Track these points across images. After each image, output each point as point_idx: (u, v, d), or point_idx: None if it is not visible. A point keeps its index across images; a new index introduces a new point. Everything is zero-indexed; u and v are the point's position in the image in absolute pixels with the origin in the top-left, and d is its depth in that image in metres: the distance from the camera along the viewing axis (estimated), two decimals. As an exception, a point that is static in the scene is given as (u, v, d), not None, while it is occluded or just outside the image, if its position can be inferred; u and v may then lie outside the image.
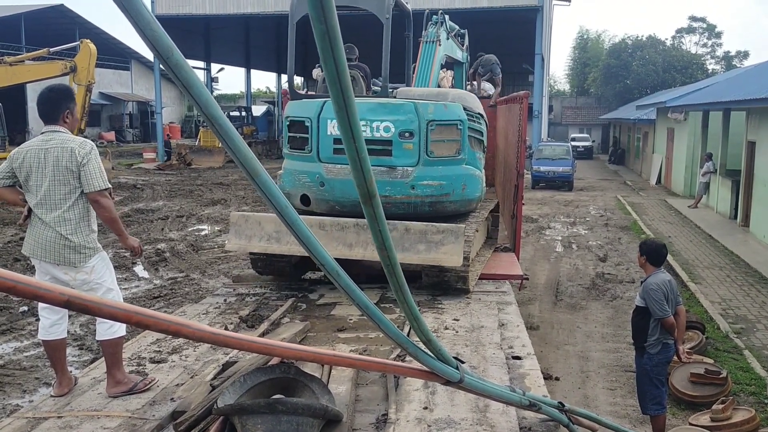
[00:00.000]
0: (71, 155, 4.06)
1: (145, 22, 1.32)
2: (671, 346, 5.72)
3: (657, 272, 5.76)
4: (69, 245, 4.09)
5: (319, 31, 1.21)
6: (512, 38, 34.45)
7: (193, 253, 12.75)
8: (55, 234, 4.07)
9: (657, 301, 5.60)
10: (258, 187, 1.66)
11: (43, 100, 4.21)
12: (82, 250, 4.13)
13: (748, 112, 16.52)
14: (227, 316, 5.76)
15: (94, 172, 4.09)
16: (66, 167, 4.07)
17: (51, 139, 4.14)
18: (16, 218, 15.32)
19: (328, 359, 2.59)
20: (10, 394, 6.43)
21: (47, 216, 4.08)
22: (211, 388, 3.74)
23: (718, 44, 59.58)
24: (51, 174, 4.07)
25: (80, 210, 4.15)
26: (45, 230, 4.09)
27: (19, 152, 4.19)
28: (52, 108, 4.19)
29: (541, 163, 26.55)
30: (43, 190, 4.08)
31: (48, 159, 4.08)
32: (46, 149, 4.10)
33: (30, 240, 4.18)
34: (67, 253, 4.10)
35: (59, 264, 4.11)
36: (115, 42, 47.20)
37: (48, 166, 4.08)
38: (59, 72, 17.96)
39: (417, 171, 6.16)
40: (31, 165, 4.11)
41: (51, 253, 4.09)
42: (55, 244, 4.09)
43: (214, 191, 22.03)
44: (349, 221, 6.02)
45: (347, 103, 1.32)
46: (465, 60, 10.16)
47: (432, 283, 6.39)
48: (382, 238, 1.87)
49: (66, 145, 4.09)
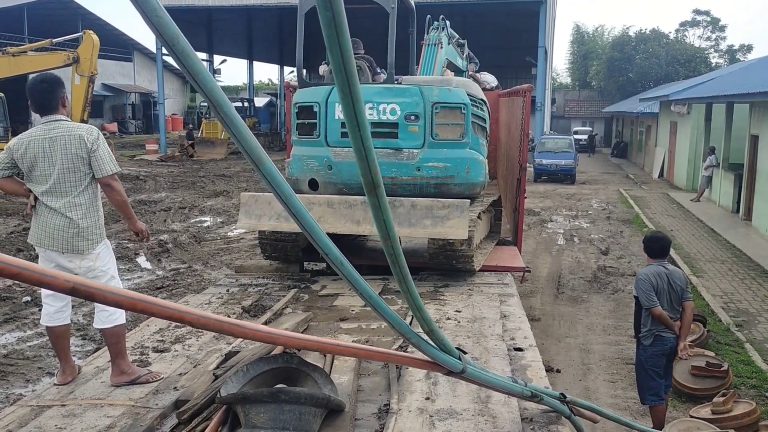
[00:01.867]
0: (80, 142, 4.08)
1: (151, 9, 1.32)
2: (666, 339, 5.67)
3: (653, 264, 5.76)
4: (78, 232, 4.10)
5: (326, 18, 1.21)
6: (516, 31, 34.40)
7: (195, 245, 12.78)
8: (65, 220, 4.08)
9: (644, 291, 5.62)
10: (263, 176, 1.66)
11: (37, 91, 4.19)
12: (90, 236, 4.15)
13: (752, 106, 16.48)
14: (230, 306, 5.78)
15: (104, 157, 4.14)
16: (75, 154, 4.08)
17: (55, 127, 4.13)
18: (19, 209, 15.36)
19: (330, 348, 2.60)
20: (14, 384, 6.46)
21: (57, 203, 4.09)
22: (214, 378, 3.75)
23: (721, 38, 59.30)
24: (60, 162, 4.08)
25: (90, 195, 4.18)
26: (53, 218, 4.10)
27: (20, 143, 4.17)
28: (48, 97, 4.18)
29: (544, 156, 26.51)
30: (53, 179, 4.09)
31: (55, 147, 4.08)
32: (51, 138, 4.09)
33: (36, 229, 4.18)
34: (75, 240, 4.11)
35: (65, 252, 4.12)
36: (118, 33, 47.14)
37: (56, 155, 4.08)
38: (62, 63, 17.91)
39: (422, 153, 6.36)
40: (36, 154, 4.11)
41: (58, 240, 4.10)
42: (63, 231, 4.09)
43: (216, 183, 22.04)
44: (357, 198, 6.16)
45: (352, 91, 1.32)
46: (465, 68, 10.23)
47: (438, 263, 6.54)
48: (386, 227, 1.87)
49: (73, 133, 4.10)
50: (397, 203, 6.07)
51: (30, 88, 4.22)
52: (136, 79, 51.64)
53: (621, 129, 45.42)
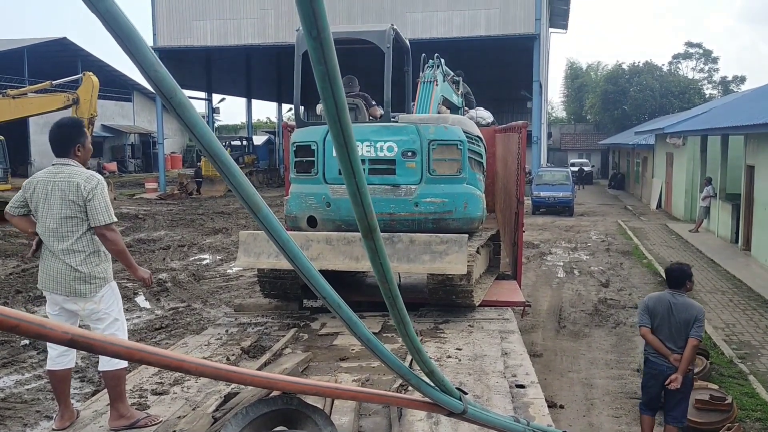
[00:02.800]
0: (77, 190, 4.11)
1: (149, 64, 1.35)
2: (654, 363, 5.83)
3: (666, 291, 5.92)
4: (78, 276, 4.11)
5: (320, 72, 1.25)
6: (510, 65, 34.81)
7: (194, 283, 12.75)
8: (65, 265, 4.10)
9: (639, 311, 5.96)
10: (260, 222, 1.68)
11: (53, 136, 4.27)
12: (91, 281, 4.15)
13: (747, 137, 16.61)
14: (229, 347, 5.74)
15: (99, 207, 4.12)
16: (72, 201, 4.11)
17: (60, 171, 4.18)
18: (17, 250, 15.34)
19: (329, 392, 2.58)
20: (11, 428, 6.38)
21: (56, 247, 4.12)
22: (213, 421, 3.72)
23: (714, 69, 60.08)
24: (58, 206, 4.12)
25: (88, 241, 4.18)
26: (54, 262, 4.13)
27: (31, 183, 4.27)
28: (61, 143, 4.25)
29: (541, 189, 26.58)
30: (51, 222, 4.12)
31: (54, 192, 4.13)
32: (54, 182, 4.15)
33: (41, 272, 4.22)
34: (76, 285, 4.12)
35: (69, 295, 4.13)
36: (117, 74, 47.66)
37: (54, 199, 4.12)
38: (62, 105, 18.10)
39: (420, 189, 6.43)
40: (39, 196, 4.17)
41: (61, 284, 4.12)
42: (64, 276, 4.11)
43: (215, 220, 22.07)
44: (356, 235, 6.16)
45: (347, 141, 1.35)
46: (460, 105, 10.35)
47: (437, 299, 6.55)
48: (383, 270, 1.89)
49: (72, 180, 4.13)
50: (396, 239, 6.09)
51: (50, 130, 4.32)
52: (135, 119, 52.05)
53: (618, 161, 45.68)
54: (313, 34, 1.21)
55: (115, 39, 1.30)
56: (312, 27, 1.21)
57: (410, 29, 26.78)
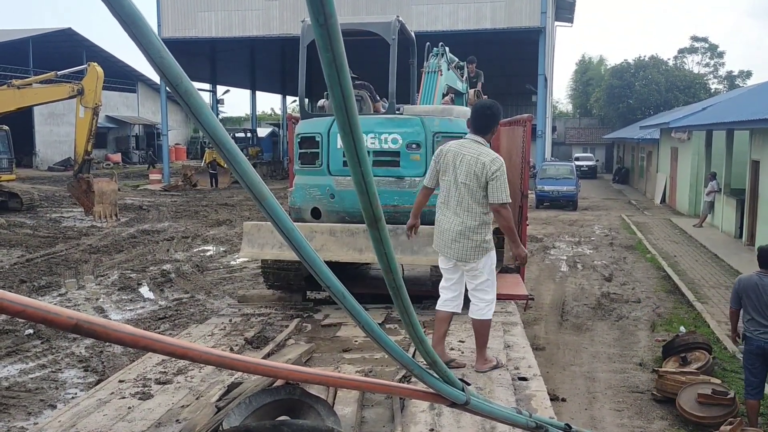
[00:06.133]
0: (483, 168, 4.69)
1: (155, 51, 1.34)
2: (751, 339, 6.25)
3: (759, 272, 6.43)
4: (470, 243, 4.80)
5: (326, 59, 1.24)
6: (516, 59, 34.70)
7: (198, 274, 12.77)
8: (459, 230, 4.79)
9: (732, 292, 6.68)
10: (265, 211, 1.67)
11: (477, 114, 4.94)
12: (480, 245, 4.83)
13: (752, 132, 16.55)
14: (232, 337, 5.76)
15: (500, 187, 4.72)
16: (475, 175, 4.71)
17: (469, 147, 4.80)
18: (22, 240, 15.38)
19: (332, 381, 2.59)
20: (15, 417, 6.42)
21: (449, 212, 4.83)
22: (216, 410, 3.73)
23: (720, 64, 59.81)
24: (464, 177, 4.75)
25: (481, 212, 4.81)
26: (450, 226, 4.84)
27: (442, 150, 4.97)
28: (484, 123, 4.90)
29: (545, 183, 26.56)
30: (454, 190, 4.80)
31: (462, 164, 4.76)
32: (463, 154, 4.78)
33: (436, 234, 5.03)
34: (466, 250, 4.82)
35: (459, 259, 4.84)
36: (122, 65, 47.65)
37: (460, 170, 4.77)
38: (66, 95, 18.08)
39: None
40: (447, 163, 4.84)
41: (452, 249, 4.85)
42: (459, 237, 4.82)
43: (219, 212, 22.09)
44: (360, 227, 6.20)
45: (353, 129, 1.34)
46: (465, 91, 10.33)
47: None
48: (387, 260, 1.88)
49: (480, 159, 4.72)
50: (400, 231, 6.09)
51: (474, 108, 5.06)
52: (140, 110, 52.06)
53: (622, 155, 45.57)
54: (320, 21, 1.21)
55: (121, 24, 1.30)
56: (319, 14, 1.20)
57: (415, 21, 26.68)
